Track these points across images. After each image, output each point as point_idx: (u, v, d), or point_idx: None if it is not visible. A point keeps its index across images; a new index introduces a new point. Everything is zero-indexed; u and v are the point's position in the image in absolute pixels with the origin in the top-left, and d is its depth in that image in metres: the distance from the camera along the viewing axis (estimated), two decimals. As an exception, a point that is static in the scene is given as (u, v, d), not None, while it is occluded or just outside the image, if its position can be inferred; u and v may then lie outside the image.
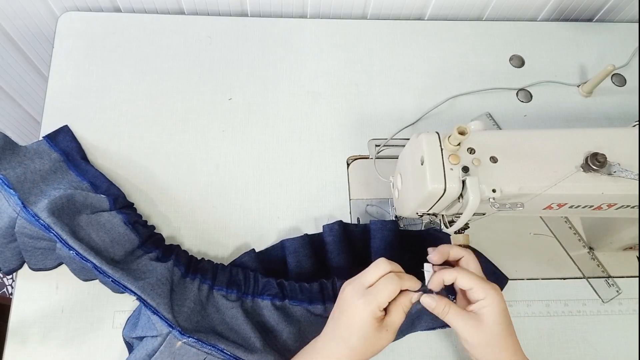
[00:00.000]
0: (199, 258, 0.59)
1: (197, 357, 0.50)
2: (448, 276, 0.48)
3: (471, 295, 0.48)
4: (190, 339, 0.49)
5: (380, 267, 0.48)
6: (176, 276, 0.54)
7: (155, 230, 0.60)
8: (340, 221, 0.61)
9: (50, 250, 0.55)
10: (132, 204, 0.61)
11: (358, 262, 0.59)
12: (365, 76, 0.74)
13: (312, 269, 0.59)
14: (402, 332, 0.57)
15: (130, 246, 0.55)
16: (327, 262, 0.60)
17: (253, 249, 0.60)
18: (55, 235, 0.50)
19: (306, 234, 0.61)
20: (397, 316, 0.48)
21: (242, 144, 0.68)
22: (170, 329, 0.49)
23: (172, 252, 0.57)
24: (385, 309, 0.48)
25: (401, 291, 0.48)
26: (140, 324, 0.52)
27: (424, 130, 0.59)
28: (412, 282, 0.49)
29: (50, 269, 0.58)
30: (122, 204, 0.59)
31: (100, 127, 0.67)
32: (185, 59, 0.73)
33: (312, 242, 0.60)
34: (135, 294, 0.50)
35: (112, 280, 0.50)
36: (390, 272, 0.48)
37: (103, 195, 0.57)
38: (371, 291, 0.47)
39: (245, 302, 0.55)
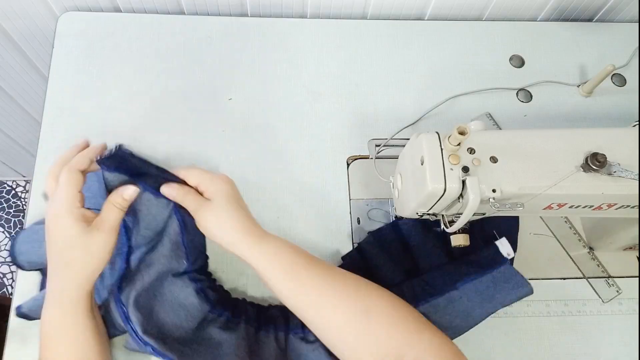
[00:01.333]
0: (263, 305, 0.57)
1: None
2: (181, 174, 0.51)
3: (204, 190, 0.50)
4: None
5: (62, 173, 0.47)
6: (250, 335, 0.52)
7: (216, 282, 0.58)
8: (368, 233, 0.62)
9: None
10: (206, 263, 0.58)
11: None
12: (365, 76, 0.74)
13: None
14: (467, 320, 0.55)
15: (201, 315, 0.53)
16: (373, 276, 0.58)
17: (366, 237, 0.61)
18: (131, 330, 0.50)
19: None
20: (109, 213, 0.46)
21: (242, 144, 0.68)
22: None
23: (240, 311, 0.54)
24: None
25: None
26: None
27: (424, 130, 0.59)
28: (82, 158, 0.48)
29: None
30: (198, 264, 0.56)
31: (100, 127, 0.67)
32: (185, 59, 0.73)
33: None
34: None
35: None
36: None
37: (184, 261, 0.54)
38: (56, 193, 0.46)
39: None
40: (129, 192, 0.47)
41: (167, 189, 0.50)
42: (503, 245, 0.52)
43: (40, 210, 0.62)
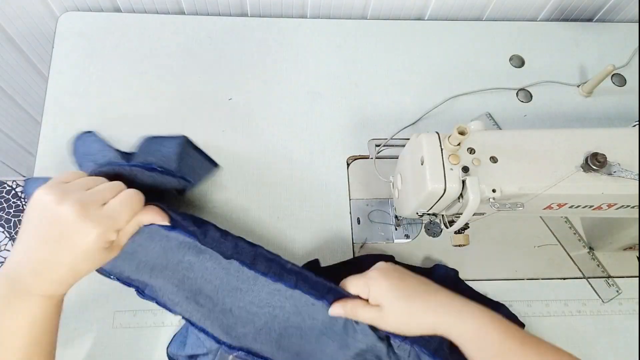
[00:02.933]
0: None
1: None
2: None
3: (366, 298, 0.48)
4: (240, 352, 0.49)
5: (117, 185, 0.44)
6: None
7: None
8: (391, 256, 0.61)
9: None
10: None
11: None
12: (365, 76, 0.74)
13: None
14: None
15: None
16: None
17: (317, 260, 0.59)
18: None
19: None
20: (130, 232, 0.44)
21: (242, 144, 0.68)
22: (219, 345, 0.49)
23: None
24: None
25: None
26: (189, 342, 0.52)
27: (424, 130, 0.59)
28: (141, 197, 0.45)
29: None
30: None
31: (100, 127, 0.67)
32: (185, 59, 0.73)
33: None
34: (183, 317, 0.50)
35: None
36: (124, 187, 0.44)
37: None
38: (109, 215, 0.41)
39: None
40: (164, 221, 0.45)
41: (336, 310, 0.48)
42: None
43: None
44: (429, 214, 0.54)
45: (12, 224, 1.38)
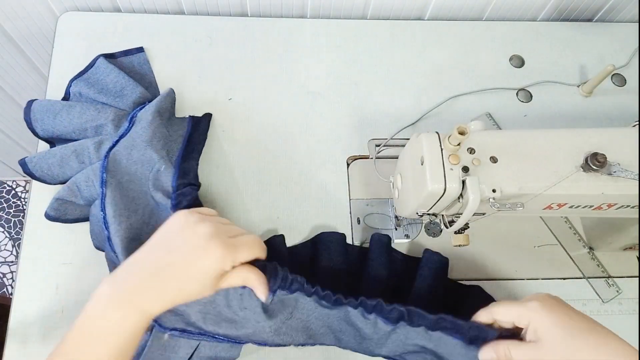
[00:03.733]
0: None
1: (189, 345, 0.50)
2: (484, 318, 0.45)
3: (521, 325, 0.44)
4: (173, 331, 0.49)
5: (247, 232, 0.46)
6: None
7: None
8: (388, 236, 0.61)
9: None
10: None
11: (391, 286, 0.58)
12: (365, 76, 0.74)
13: (341, 267, 0.58)
14: None
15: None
16: (364, 271, 0.58)
17: (282, 235, 0.60)
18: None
19: (344, 234, 0.61)
20: (234, 281, 0.44)
21: (242, 144, 0.68)
22: (153, 323, 0.49)
23: None
24: None
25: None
26: None
27: (424, 130, 0.59)
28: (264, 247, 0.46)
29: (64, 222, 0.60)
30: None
31: (100, 127, 0.67)
32: (185, 59, 0.73)
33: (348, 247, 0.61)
34: None
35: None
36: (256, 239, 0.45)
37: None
38: (235, 243, 0.43)
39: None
40: (262, 295, 0.45)
41: (487, 354, 0.43)
42: None
43: (40, 210, 0.62)
44: (429, 214, 0.54)
45: (12, 224, 1.38)
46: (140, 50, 0.70)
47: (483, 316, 0.46)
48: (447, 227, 0.54)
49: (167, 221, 0.45)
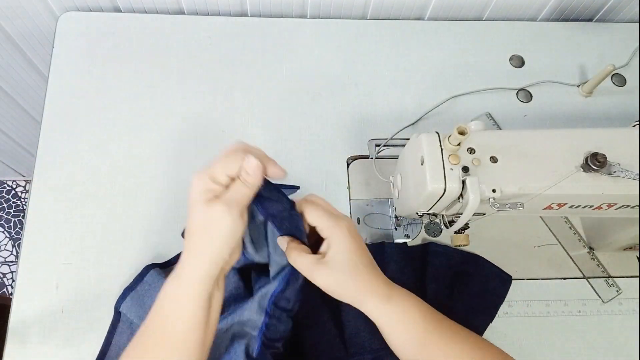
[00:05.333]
0: None
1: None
2: (302, 207, 0.46)
3: (322, 235, 0.45)
4: None
5: (233, 146, 0.43)
6: None
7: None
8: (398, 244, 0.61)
9: None
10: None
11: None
12: (365, 76, 0.74)
13: (315, 295, 0.56)
14: None
15: None
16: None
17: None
18: None
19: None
20: (236, 188, 0.41)
21: (242, 144, 0.68)
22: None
23: None
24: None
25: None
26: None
27: (424, 130, 0.59)
28: (259, 152, 0.43)
29: None
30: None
31: (100, 127, 0.67)
32: (185, 59, 0.73)
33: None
34: None
35: None
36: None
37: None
38: (208, 167, 0.42)
39: None
40: (251, 165, 0.41)
41: (281, 242, 0.46)
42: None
43: (40, 210, 0.62)
44: (429, 214, 0.54)
45: (12, 224, 1.38)
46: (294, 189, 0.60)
47: (303, 207, 0.46)
48: (447, 227, 0.54)
49: None
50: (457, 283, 0.60)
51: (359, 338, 0.55)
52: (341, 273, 0.44)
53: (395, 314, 0.45)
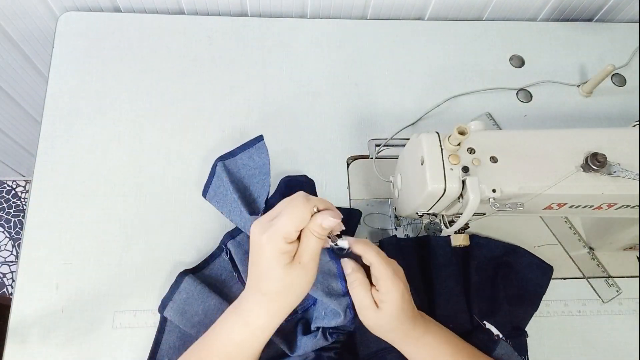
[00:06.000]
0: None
1: None
2: (360, 249, 0.47)
3: (376, 283, 0.46)
4: None
5: (290, 199, 0.42)
6: None
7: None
8: (395, 236, 0.61)
9: None
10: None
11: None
12: (365, 76, 0.74)
13: None
14: None
15: None
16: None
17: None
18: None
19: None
20: (309, 245, 0.41)
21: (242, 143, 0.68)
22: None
23: None
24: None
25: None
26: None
27: (424, 130, 0.59)
28: (323, 202, 0.42)
29: None
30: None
31: (100, 127, 0.67)
32: (185, 59, 0.73)
33: None
34: None
35: None
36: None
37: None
38: (274, 222, 0.41)
39: None
40: (329, 222, 0.41)
41: (346, 264, 0.47)
42: (492, 328, 0.54)
43: (40, 210, 0.62)
44: (429, 214, 0.54)
45: (12, 224, 1.38)
46: (259, 139, 0.63)
47: (358, 246, 0.47)
48: (447, 227, 0.54)
49: None
50: (500, 274, 0.60)
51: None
52: (387, 324, 0.47)
53: (427, 351, 0.49)
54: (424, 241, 0.62)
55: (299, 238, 0.41)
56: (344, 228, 0.44)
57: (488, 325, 0.55)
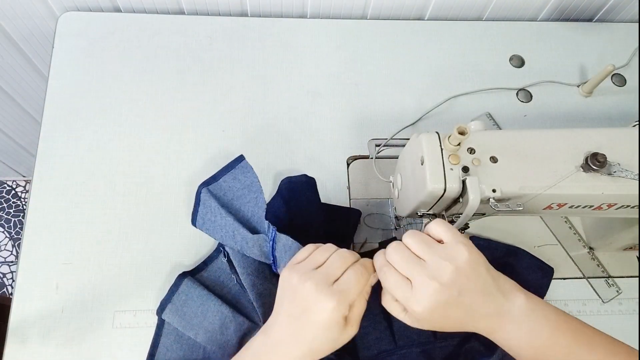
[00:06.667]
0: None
1: None
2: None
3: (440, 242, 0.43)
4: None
5: (347, 257, 0.44)
6: None
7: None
8: (395, 237, 0.61)
9: None
10: None
11: None
12: (365, 76, 0.74)
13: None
14: None
15: None
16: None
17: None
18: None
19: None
20: (361, 307, 0.43)
21: (242, 143, 0.68)
22: None
23: None
24: None
25: None
26: None
27: (424, 130, 0.59)
28: (372, 267, 0.44)
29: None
30: None
31: (100, 127, 0.67)
32: (185, 59, 0.73)
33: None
34: None
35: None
36: (354, 261, 0.44)
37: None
38: (341, 289, 0.42)
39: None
40: (374, 279, 0.44)
41: (377, 260, 0.45)
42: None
43: (40, 210, 0.62)
44: (429, 214, 0.54)
45: (12, 224, 1.38)
46: (240, 159, 0.64)
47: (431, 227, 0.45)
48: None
49: (279, 286, 0.46)
50: None
51: (407, 331, 0.55)
52: (463, 293, 0.41)
53: (543, 334, 0.41)
54: None
55: None
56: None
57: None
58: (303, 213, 0.60)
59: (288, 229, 0.55)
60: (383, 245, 0.60)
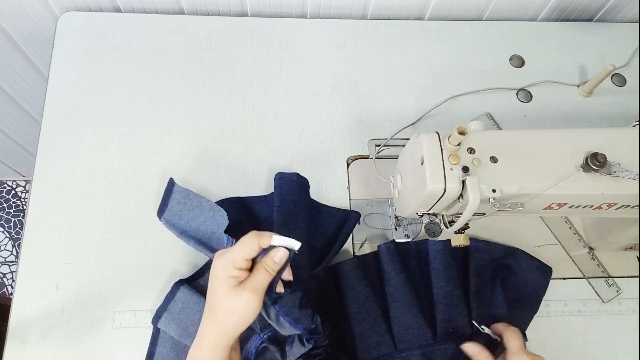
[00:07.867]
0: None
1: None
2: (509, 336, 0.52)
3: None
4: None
5: (249, 234, 0.47)
6: None
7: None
8: (394, 240, 0.61)
9: None
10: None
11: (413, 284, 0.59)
12: (365, 76, 0.74)
13: (365, 291, 0.58)
14: None
15: None
16: (384, 283, 0.59)
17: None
18: None
19: (355, 256, 0.61)
20: (259, 276, 0.46)
21: (242, 144, 0.68)
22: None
23: None
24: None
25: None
26: None
27: (424, 130, 0.59)
28: (267, 238, 0.47)
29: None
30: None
31: (100, 127, 0.67)
32: (185, 59, 0.73)
33: (362, 264, 0.60)
34: None
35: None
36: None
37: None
38: (228, 249, 0.47)
39: None
40: (279, 255, 0.47)
41: (470, 347, 0.53)
42: (491, 333, 0.55)
43: (40, 210, 0.62)
44: (429, 214, 0.54)
45: (12, 224, 1.38)
46: (172, 183, 0.62)
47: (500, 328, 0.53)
48: (447, 227, 0.54)
49: None
50: (499, 277, 0.60)
51: (407, 334, 0.56)
52: None
53: None
54: (422, 245, 0.61)
55: (251, 269, 0.46)
56: (289, 254, 0.47)
57: (487, 330, 0.55)
58: (284, 210, 0.60)
59: (271, 225, 0.56)
60: (381, 250, 0.60)
